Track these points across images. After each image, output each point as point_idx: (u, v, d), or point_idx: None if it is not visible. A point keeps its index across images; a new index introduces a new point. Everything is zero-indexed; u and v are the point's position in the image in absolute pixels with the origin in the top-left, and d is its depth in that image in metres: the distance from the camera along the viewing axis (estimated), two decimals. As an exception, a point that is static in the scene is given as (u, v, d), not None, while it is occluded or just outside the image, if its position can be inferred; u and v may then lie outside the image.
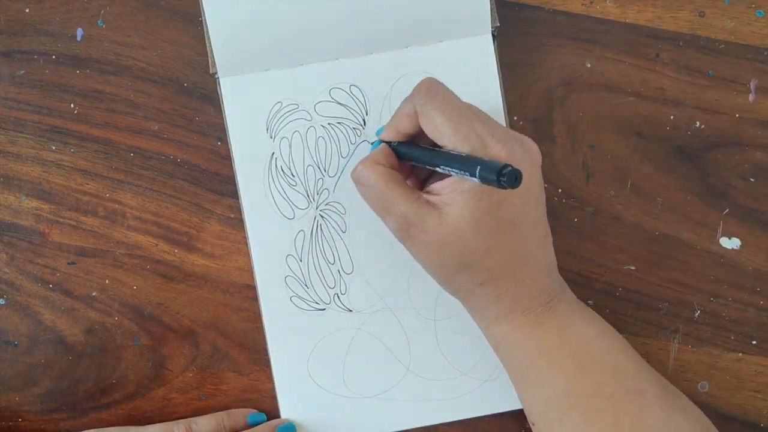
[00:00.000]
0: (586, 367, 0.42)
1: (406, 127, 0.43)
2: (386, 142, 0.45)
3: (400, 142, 0.44)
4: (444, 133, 0.41)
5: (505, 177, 0.35)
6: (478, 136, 0.40)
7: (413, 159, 0.43)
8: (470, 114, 0.41)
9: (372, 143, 0.48)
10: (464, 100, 0.49)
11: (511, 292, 0.42)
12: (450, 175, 0.41)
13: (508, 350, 0.44)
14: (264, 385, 0.50)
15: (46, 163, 0.50)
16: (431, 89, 0.42)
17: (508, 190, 0.40)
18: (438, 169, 0.40)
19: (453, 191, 0.40)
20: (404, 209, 0.41)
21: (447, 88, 0.43)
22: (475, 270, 0.42)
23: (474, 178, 0.37)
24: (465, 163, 0.38)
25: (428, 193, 0.42)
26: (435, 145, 0.42)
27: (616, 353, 0.43)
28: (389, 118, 0.49)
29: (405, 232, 0.42)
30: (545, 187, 0.50)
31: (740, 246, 0.50)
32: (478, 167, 0.37)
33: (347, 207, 0.49)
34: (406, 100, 0.44)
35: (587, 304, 0.49)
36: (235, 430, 0.49)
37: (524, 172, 0.40)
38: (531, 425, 0.45)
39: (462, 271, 0.42)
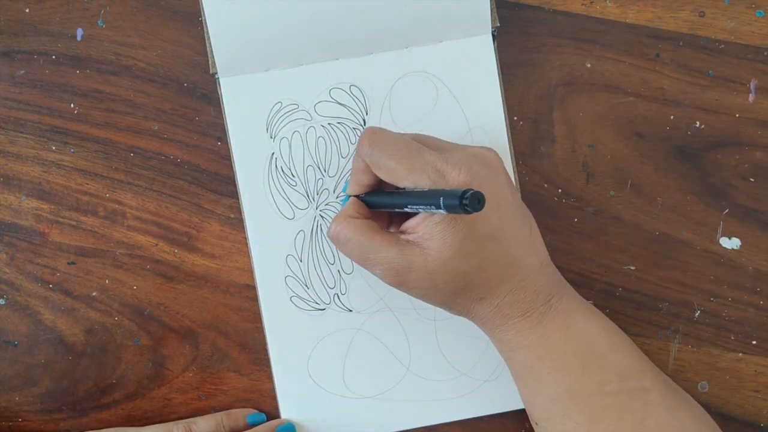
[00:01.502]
0: (590, 366, 0.42)
1: (365, 180, 0.44)
2: (355, 196, 0.45)
3: (367, 194, 0.45)
4: (399, 176, 0.41)
5: (467, 201, 0.35)
6: (433, 167, 0.40)
7: (382, 206, 0.44)
8: (419, 148, 0.42)
9: (341, 200, 0.49)
10: (463, 101, 0.49)
11: (509, 299, 0.42)
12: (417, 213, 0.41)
13: (513, 352, 0.44)
14: (264, 385, 0.50)
15: (46, 163, 0.50)
16: (373, 138, 0.42)
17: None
18: (407, 209, 0.41)
19: (427, 225, 0.41)
20: (388, 255, 0.41)
21: (388, 132, 0.43)
22: (470, 290, 0.42)
23: (441, 210, 0.37)
24: (427, 198, 0.38)
25: (405, 233, 0.42)
26: (398, 188, 0.43)
27: (619, 351, 0.43)
28: (389, 118, 0.49)
29: (395, 277, 0.42)
30: (545, 187, 0.50)
31: (740, 246, 0.50)
32: (441, 199, 0.37)
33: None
34: (355, 155, 0.44)
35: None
36: (234, 430, 0.49)
37: (488, 184, 0.41)
38: (534, 424, 0.45)
39: (459, 295, 0.42)
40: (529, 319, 0.43)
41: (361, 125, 0.49)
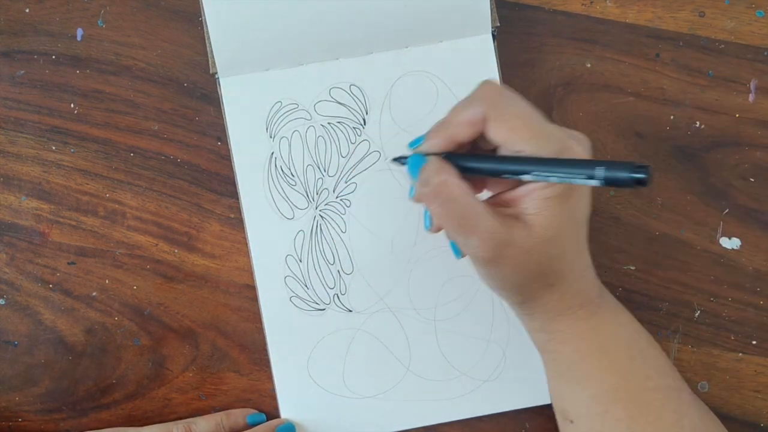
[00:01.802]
0: (636, 359, 0.42)
1: (464, 135, 0.39)
2: (431, 155, 0.40)
3: (457, 155, 0.40)
4: (523, 138, 0.37)
5: (644, 174, 0.32)
6: (558, 138, 0.38)
7: (485, 171, 0.39)
8: (541, 117, 0.39)
9: (403, 162, 0.43)
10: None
11: (574, 287, 0.41)
12: (522, 183, 0.38)
13: (562, 345, 0.42)
14: (264, 385, 0.50)
15: (46, 163, 0.50)
16: (502, 94, 0.39)
17: (583, 189, 0.38)
18: (526, 177, 0.37)
19: (536, 199, 0.38)
20: (490, 224, 0.37)
21: (514, 92, 0.39)
22: (548, 274, 0.40)
23: (587, 181, 0.34)
24: (578, 166, 0.35)
25: (501, 205, 0.39)
26: (491, 153, 0.39)
27: (656, 348, 0.43)
28: (389, 117, 0.49)
29: (493, 251, 0.38)
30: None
31: (740, 246, 0.50)
32: (603, 168, 0.34)
33: (347, 207, 0.49)
34: (464, 106, 0.39)
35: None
36: (234, 430, 0.49)
37: None
38: (566, 423, 0.43)
39: (538, 279, 0.40)
40: (585, 309, 0.41)
41: (361, 125, 0.49)
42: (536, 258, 0.38)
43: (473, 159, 0.39)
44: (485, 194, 0.42)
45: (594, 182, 0.34)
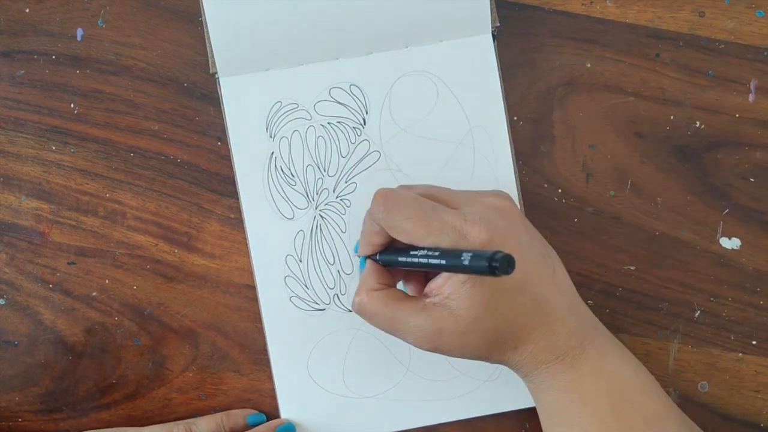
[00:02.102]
0: (619, 411, 0.42)
1: (378, 241, 0.43)
2: (370, 257, 0.44)
3: (382, 253, 0.44)
4: (418, 238, 0.40)
5: (498, 265, 0.34)
6: (452, 227, 0.39)
7: (402, 263, 0.42)
8: (434, 207, 0.41)
9: (356, 254, 0.49)
10: (463, 101, 0.49)
11: (542, 343, 0.42)
12: (440, 273, 0.41)
13: (544, 393, 0.43)
14: (264, 385, 0.50)
15: (46, 163, 0.50)
16: (387, 201, 0.41)
17: None
18: (431, 268, 0.40)
19: (452, 285, 0.40)
20: (417, 323, 0.41)
21: (401, 192, 0.42)
22: (503, 342, 0.41)
23: (468, 272, 0.37)
24: (454, 257, 0.37)
25: (428, 295, 0.42)
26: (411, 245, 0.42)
27: (647, 394, 0.43)
28: (389, 117, 0.49)
29: (428, 343, 0.41)
30: (545, 187, 0.50)
31: (740, 246, 0.50)
32: (469, 258, 0.36)
33: (347, 207, 0.49)
34: (367, 217, 0.43)
35: (587, 305, 0.49)
36: (234, 430, 0.49)
37: (507, 236, 0.40)
38: None
39: (492, 348, 0.42)
40: (563, 361, 0.42)
41: (361, 125, 0.49)
42: (475, 335, 0.41)
43: (391, 256, 0.43)
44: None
45: (470, 271, 0.36)
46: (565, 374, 0.42)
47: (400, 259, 0.42)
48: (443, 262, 0.38)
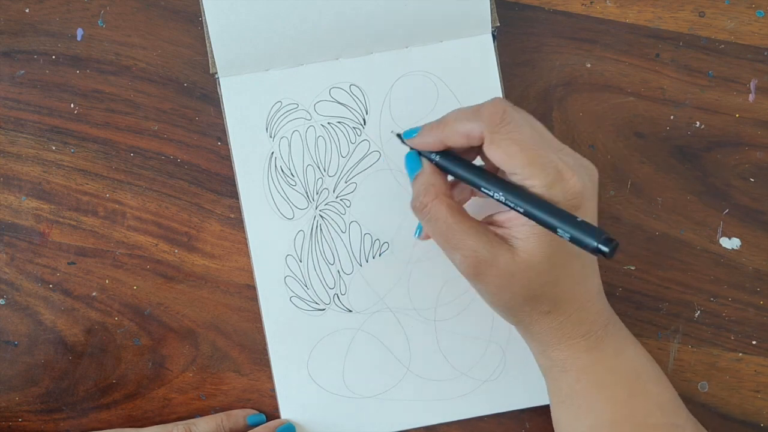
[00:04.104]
0: (636, 395, 0.42)
1: (455, 143, 0.40)
2: (421, 154, 0.42)
3: (449, 157, 0.41)
4: (517, 164, 0.38)
5: (608, 247, 0.34)
6: (554, 167, 0.38)
7: (471, 183, 0.40)
8: (545, 142, 0.39)
9: (400, 134, 0.43)
10: (463, 101, 0.49)
11: (574, 317, 0.41)
12: None
13: (563, 373, 0.43)
14: (264, 385, 0.50)
15: (46, 163, 0.50)
16: (505, 117, 0.39)
17: None
18: (510, 206, 0.38)
19: (525, 225, 0.39)
20: (474, 244, 0.39)
21: (522, 114, 0.40)
22: (541, 301, 0.40)
23: (565, 237, 0.36)
24: (555, 217, 0.36)
25: (493, 224, 0.40)
26: (469, 156, 0.40)
27: (660, 384, 0.43)
28: (389, 117, 0.49)
29: (474, 269, 0.40)
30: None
31: (740, 246, 0.50)
32: (571, 229, 0.35)
33: (347, 207, 0.49)
34: (467, 115, 0.40)
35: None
36: (234, 430, 0.49)
37: (590, 200, 0.39)
38: None
39: (528, 303, 0.41)
40: (587, 340, 0.42)
41: (361, 125, 0.49)
42: (521, 282, 0.39)
43: (462, 168, 0.40)
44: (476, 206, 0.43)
45: (570, 239, 0.36)
46: (587, 353, 0.42)
47: (479, 185, 0.39)
48: (544, 214, 0.36)
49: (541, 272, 0.39)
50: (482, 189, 0.40)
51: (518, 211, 0.38)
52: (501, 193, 0.39)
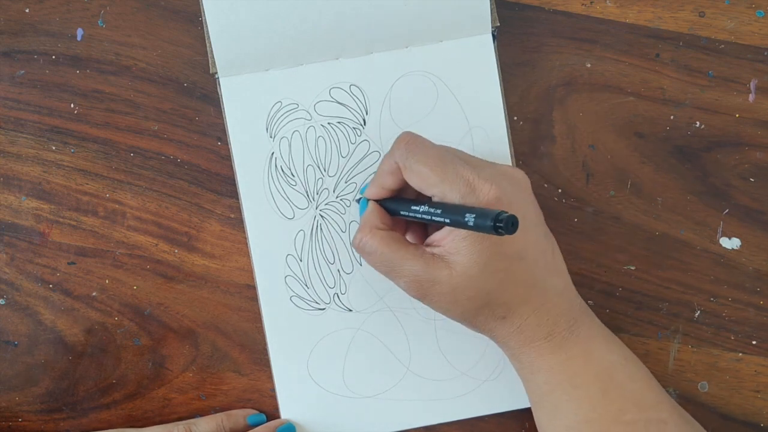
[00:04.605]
0: (609, 394, 0.42)
1: (390, 184, 0.44)
2: (374, 200, 0.45)
3: (388, 199, 0.45)
4: (430, 183, 0.41)
5: (502, 224, 0.35)
6: (465, 180, 0.40)
7: (405, 215, 0.43)
8: (453, 159, 0.42)
9: (358, 201, 0.48)
10: (463, 101, 0.49)
11: (531, 320, 0.42)
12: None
13: (533, 375, 0.43)
14: (264, 385, 0.50)
15: (46, 163, 0.50)
16: (410, 142, 0.42)
17: None
18: (432, 221, 0.40)
19: (454, 239, 0.41)
20: (412, 269, 0.41)
21: (425, 139, 0.43)
22: (492, 308, 0.42)
23: (470, 229, 0.37)
24: (458, 214, 0.38)
25: (429, 245, 0.42)
26: (421, 196, 0.42)
27: (638, 381, 0.43)
28: (389, 117, 0.49)
29: (418, 291, 0.42)
30: (545, 187, 0.50)
31: (740, 246, 0.50)
32: (473, 218, 0.37)
33: (347, 206, 0.49)
34: (386, 156, 0.44)
35: (587, 304, 0.49)
36: (234, 430, 0.49)
37: (516, 203, 0.41)
38: None
39: (481, 312, 0.42)
40: (551, 342, 0.42)
41: (361, 125, 0.49)
42: (466, 293, 0.41)
43: (396, 204, 0.44)
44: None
45: (473, 228, 0.37)
46: (553, 355, 0.42)
47: (402, 212, 0.43)
48: (446, 220, 0.39)
49: (481, 280, 0.41)
50: (407, 213, 0.42)
51: (437, 222, 0.40)
52: (419, 209, 0.41)
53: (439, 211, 0.40)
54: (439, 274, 0.41)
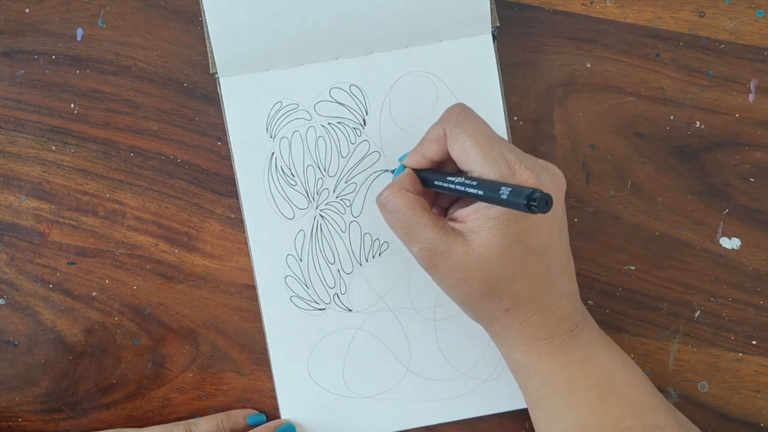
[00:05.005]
0: (607, 400, 0.42)
1: (433, 153, 0.43)
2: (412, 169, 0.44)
3: (423, 170, 0.44)
4: (472, 157, 0.40)
5: (535, 202, 0.35)
6: (507, 161, 0.39)
7: (438, 185, 0.43)
8: (500, 140, 0.41)
9: (393, 171, 0.48)
10: (464, 101, 0.49)
11: (535, 319, 0.42)
12: (475, 202, 0.40)
13: (530, 377, 0.43)
14: (264, 385, 0.50)
15: (46, 163, 0.50)
16: (462, 114, 0.42)
17: (536, 217, 0.40)
18: (464, 194, 0.40)
19: (479, 218, 0.40)
20: (430, 236, 0.41)
21: (477, 115, 0.42)
22: (500, 297, 0.41)
23: (502, 205, 0.37)
24: (493, 188, 0.37)
25: (453, 220, 0.42)
26: (460, 172, 0.42)
27: (636, 387, 0.43)
28: (389, 117, 0.49)
29: (430, 260, 0.41)
30: (545, 187, 0.50)
31: (740, 246, 0.50)
32: (508, 191, 0.36)
33: (347, 207, 0.49)
34: (435, 124, 0.43)
35: (587, 305, 0.50)
36: (234, 431, 0.49)
37: (552, 195, 0.39)
38: None
39: (487, 298, 0.41)
40: (551, 344, 0.42)
41: (361, 125, 0.49)
42: (477, 275, 0.40)
43: (431, 174, 0.43)
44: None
45: (501, 203, 0.37)
46: (551, 357, 0.42)
47: (437, 182, 0.42)
48: (480, 192, 0.38)
49: (496, 266, 0.40)
50: (442, 183, 0.42)
51: (470, 194, 0.39)
52: (455, 180, 0.41)
53: (474, 183, 0.39)
54: (455, 249, 0.40)
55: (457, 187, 0.40)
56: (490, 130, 0.41)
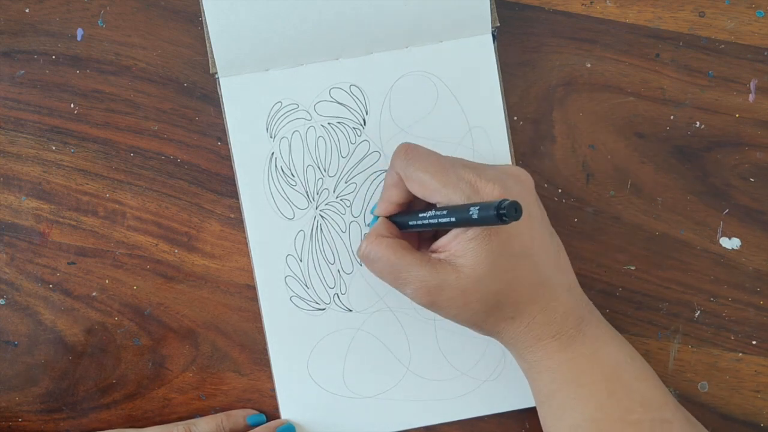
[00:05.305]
0: (615, 393, 0.42)
1: (397, 197, 0.44)
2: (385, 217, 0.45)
3: (396, 216, 0.45)
4: (433, 189, 0.41)
5: (505, 211, 0.35)
6: (467, 182, 0.40)
7: (413, 225, 0.43)
8: (453, 163, 0.42)
9: (368, 224, 0.49)
10: (463, 101, 0.49)
11: (539, 319, 0.42)
12: (451, 230, 0.41)
13: (540, 375, 0.43)
14: (264, 385, 0.50)
15: (46, 163, 0.50)
16: (409, 152, 0.42)
17: (511, 224, 0.40)
18: (439, 225, 0.40)
19: (460, 242, 0.40)
20: (419, 274, 0.41)
21: (423, 147, 0.43)
22: (502, 308, 0.42)
23: (474, 223, 0.37)
24: (463, 212, 0.38)
25: (435, 252, 0.42)
26: (430, 206, 0.42)
27: (644, 381, 0.43)
28: (389, 118, 0.49)
29: (426, 297, 0.41)
30: (545, 187, 0.50)
31: (740, 246, 0.50)
32: (477, 210, 0.37)
33: (347, 207, 0.49)
34: (389, 170, 0.44)
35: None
36: (234, 431, 0.49)
37: (521, 201, 0.40)
38: None
39: (491, 313, 0.42)
40: (558, 340, 0.42)
41: (361, 125, 0.49)
42: (475, 296, 0.41)
43: (403, 217, 0.44)
44: None
45: (475, 224, 0.37)
46: (560, 353, 0.42)
47: (411, 222, 0.43)
48: (452, 219, 0.39)
49: (490, 281, 0.40)
50: (416, 222, 0.42)
51: (444, 224, 0.40)
52: (426, 215, 0.41)
53: (445, 212, 0.40)
54: (447, 278, 0.41)
55: (430, 221, 0.41)
56: (440, 158, 0.42)
